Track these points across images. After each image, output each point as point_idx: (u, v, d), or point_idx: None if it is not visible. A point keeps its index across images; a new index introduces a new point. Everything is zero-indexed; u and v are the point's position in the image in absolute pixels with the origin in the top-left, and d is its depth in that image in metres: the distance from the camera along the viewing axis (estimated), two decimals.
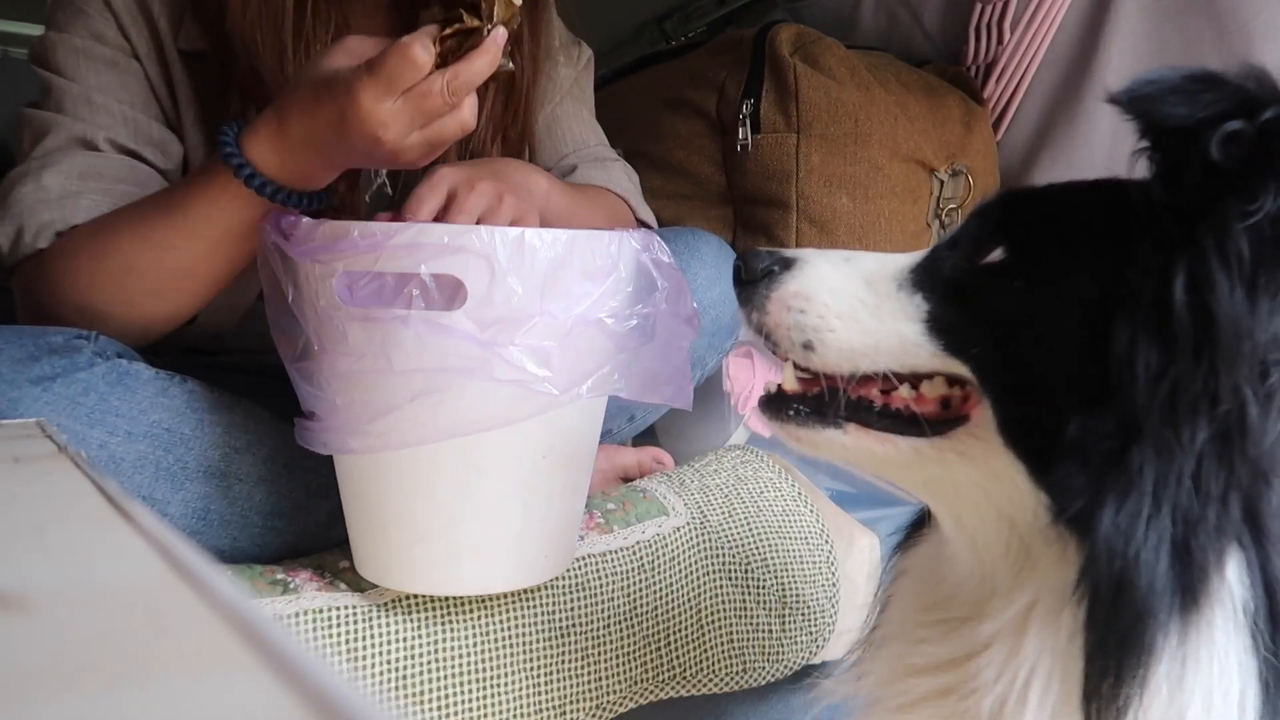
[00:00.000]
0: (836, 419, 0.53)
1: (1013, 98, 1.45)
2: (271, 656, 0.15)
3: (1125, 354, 0.42)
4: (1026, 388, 0.47)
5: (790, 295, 0.53)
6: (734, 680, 0.84)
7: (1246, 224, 0.38)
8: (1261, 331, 0.38)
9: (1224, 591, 0.40)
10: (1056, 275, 0.47)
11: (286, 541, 0.84)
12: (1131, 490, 0.41)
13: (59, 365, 0.74)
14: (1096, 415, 0.43)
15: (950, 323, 0.49)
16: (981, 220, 0.52)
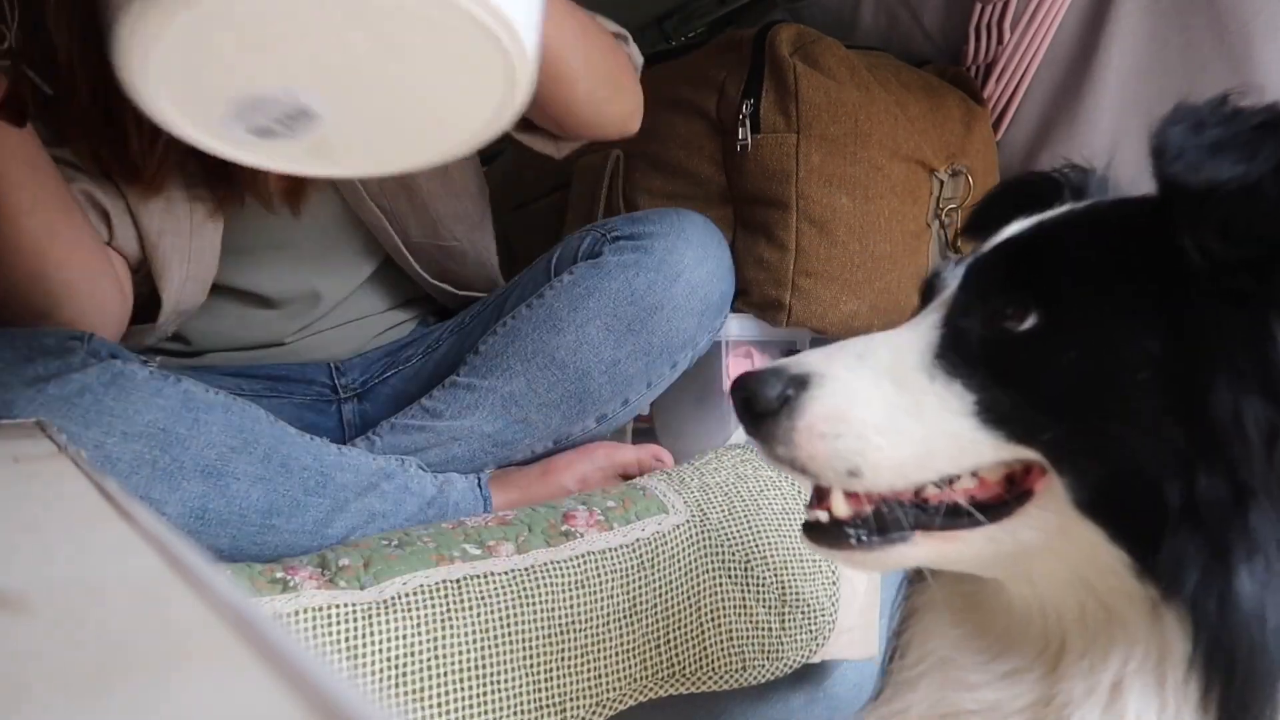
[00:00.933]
0: (901, 533, 0.48)
1: (1013, 98, 1.45)
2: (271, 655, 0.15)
3: (1230, 416, 0.40)
4: (1108, 460, 0.44)
5: (820, 420, 0.47)
6: (734, 678, 0.84)
7: None
8: None
9: None
10: (1111, 337, 0.44)
11: (284, 539, 0.84)
12: (1258, 551, 0.39)
13: (53, 366, 0.74)
14: (1202, 479, 0.41)
15: (1006, 410, 0.45)
16: (993, 279, 0.48)
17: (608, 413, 1.02)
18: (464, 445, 0.99)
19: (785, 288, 1.24)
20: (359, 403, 1.10)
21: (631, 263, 0.98)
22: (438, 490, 0.94)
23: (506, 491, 0.99)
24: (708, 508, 0.90)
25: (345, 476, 0.88)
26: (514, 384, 0.98)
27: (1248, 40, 1.19)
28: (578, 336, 0.97)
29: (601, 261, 0.99)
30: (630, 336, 0.98)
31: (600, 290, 0.97)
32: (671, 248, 0.98)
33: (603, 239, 1.01)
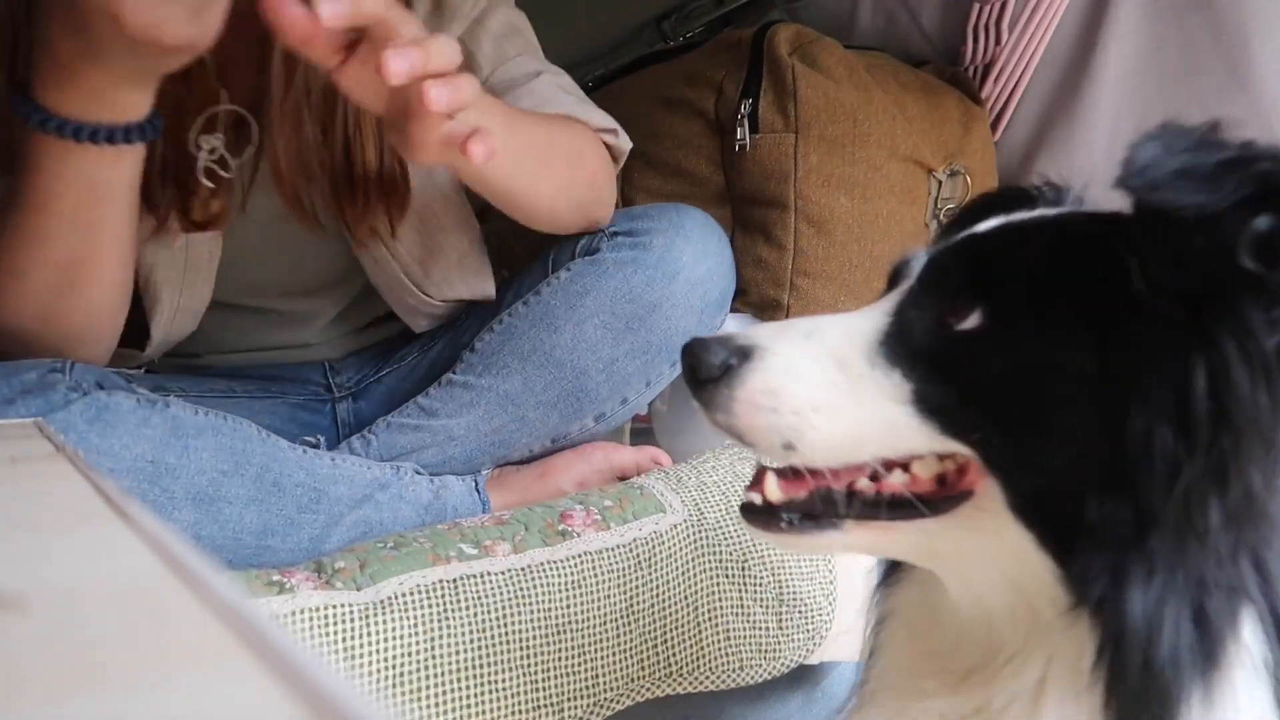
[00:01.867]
0: (832, 520, 0.49)
1: (1011, 98, 1.45)
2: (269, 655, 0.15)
3: (1143, 444, 0.40)
4: (1035, 467, 0.45)
5: (758, 393, 0.48)
6: (731, 678, 0.84)
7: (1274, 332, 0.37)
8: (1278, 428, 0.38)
9: (1243, 651, 0.40)
10: (1049, 347, 0.44)
11: (279, 559, 0.83)
12: (1155, 573, 0.40)
13: (34, 406, 0.72)
14: (1113, 499, 0.42)
15: (941, 402, 0.46)
16: (945, 275, 0.49)
17: (606, 411, 1.01)
18: (461, 445, 0.99)
19: (784, 288, 1.24)
20: (354, 401, 1.10)
21: (630, 260, 0.96)
22: (434, 495, 0.94)
23: (504, 493, 0.98)
24: (705, 507, 0.90)
25: (339, 490, 0.88)
26: (511, 382, 0.97)
27: (1245, 40, 1.19)
28: (575, 334, 0.96)
29: (599, 258, 0.97)
30: (628, 334, 0.97)
31: (598, 288, 0.96)
32: (670, 244, 0.97)
33: (600, 235, 0.99)
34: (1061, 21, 1.38)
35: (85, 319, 0.80)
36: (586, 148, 0.97)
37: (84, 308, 0.79)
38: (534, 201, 0.93)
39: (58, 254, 0.74)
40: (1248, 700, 0.41)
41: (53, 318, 0.78)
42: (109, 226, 0.75)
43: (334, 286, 1.07)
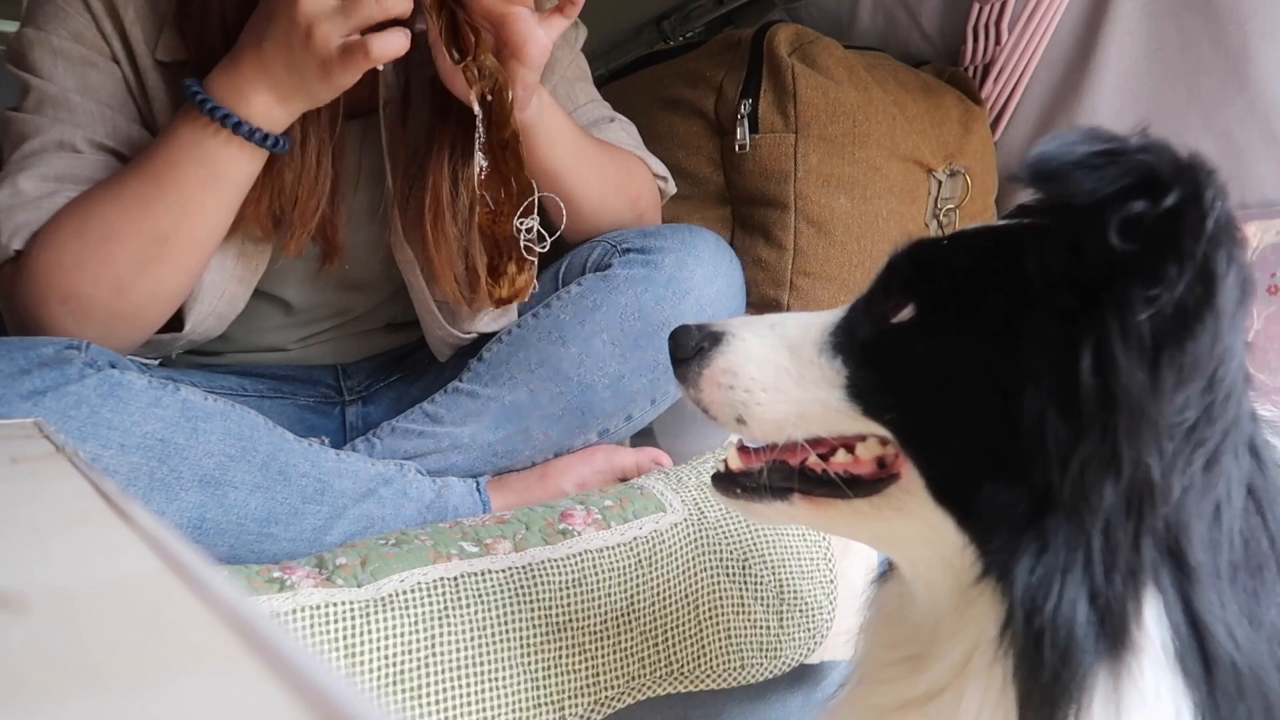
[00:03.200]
0: (782, 491, 0.55)
1: (1010, 98, 1.45)
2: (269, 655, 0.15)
3: (1035, 427, 0.43)
4: (943, 450, 0.48)
5: (719, 371, 0.55)
6: (732, 677, 0.84)
7: (1149, 308, 0.38)
8: (1163, 409, 0.39)
9: (1148, 635, 0.41)
10: (961, 337, 0.47)
11: (282, 548, 0.84)
12: (1046, 550, 0.42)
13: (50, 378, 0.73)
14: (1008, 482, 0.44)
15: (867, 386, 0.51)
16: (892, 275, 0.53)
17: (610, 428, 1.01)
18: (464, 454, 0.99)
19: (784, 287, 1.24)
20: (363, 405, 1.10)
21: (641, 277, 0.96)
22: (436, 494, 0.94)
23: (505, 495, 0.98)
24: (705, 507, 0.90)
25: (343, 483, 0.88)
26: (516, 394, 0.97)
27: (1245, 40, 1.19)
28: (583, 349, 0.96)
29: (610, 274, 0.98)
30: (636, 352, 0.97)
31: (608, 304, 0.96)
32: (681, 264, 0.97)
33: (612, 250, 1.00)
34: (1061, 21, 1.38)
35: (152, 298, 0.84)
36: (636, 172, 1.05)
37: (154, 286, 0.83)
38: (582, 195, 0.98)
39: (155, 224, 0.80)
40: (1154, 684, 0.41)
41: (125, 290, 0.82)
42: (207, 213, 0.82)
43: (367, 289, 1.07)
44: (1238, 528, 0.42)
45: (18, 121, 0.86)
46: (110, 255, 0.80)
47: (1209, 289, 0.37)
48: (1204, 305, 0.37)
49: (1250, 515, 0.43)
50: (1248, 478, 0.43)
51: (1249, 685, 0.41)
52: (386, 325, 1.13)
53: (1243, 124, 1.21)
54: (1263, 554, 0.43)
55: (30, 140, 0.84)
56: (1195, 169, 0.38)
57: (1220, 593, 0.41)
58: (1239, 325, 0.39)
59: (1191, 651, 0.41)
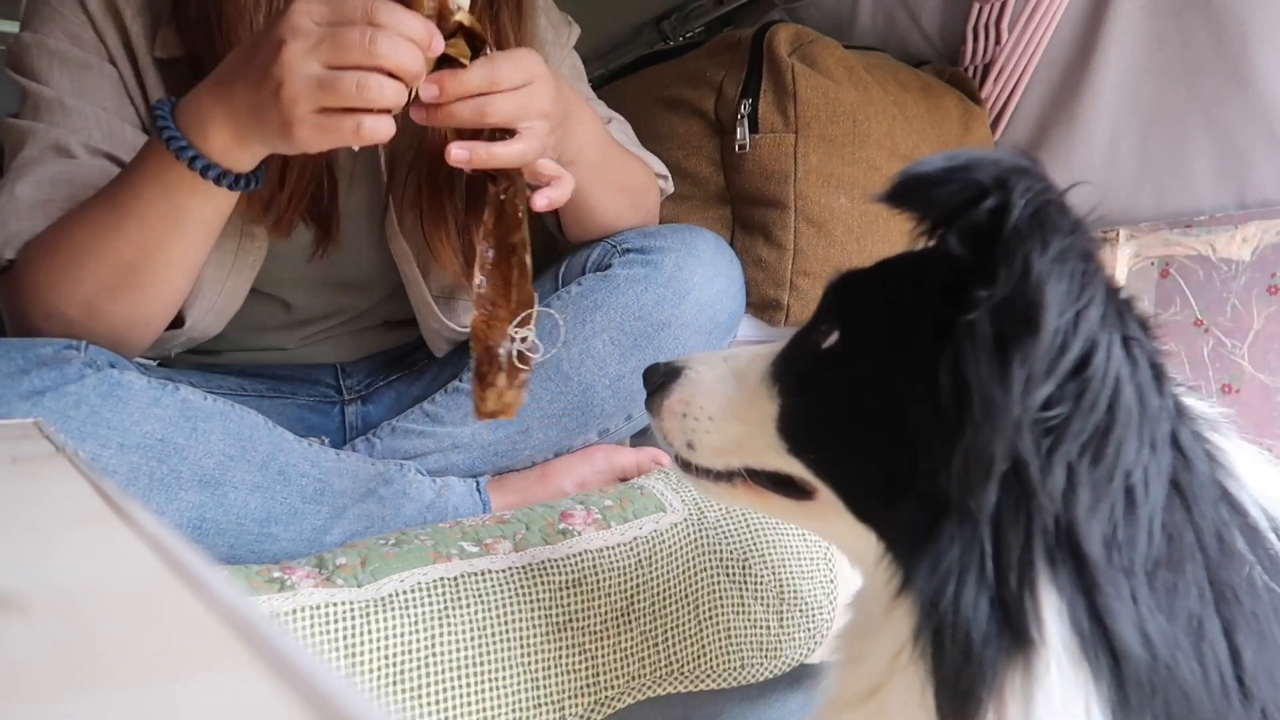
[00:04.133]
0: (729, 476, 0.59)
1: (1010, 98, 1.45)
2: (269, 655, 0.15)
3: (922, 438, 0.45)
4: (856, 477, 0.51)
5: (675, 402, 0.60)
6: (732, 676, 0.84)
7: (985, 306, 0.40)
8: (1016, 402, 0.40)
9: (1046, 633, 0.42)
10: (871, 361, 0.50)
11: (282, 548, 0.84)
12: (942, 554, 0.44)
13: (49, 378, 0.73)
14: (911, 497, 0.46)
15: (795, 420, 0.54)
16: (824, 302, 0.55)
17: (610, 427, 1.01)
18: (464, 453, 0.99)
19: (784, 288, 1.24)
20: (362, 405, 1.10)
21: (641, 277, 0.96)
22: (436, 494, 0.94)
23: (505, 494, 0.98)
24: (705, 506, 0.90)
25: (343, 483, 0.88)
26: None
27: (1245, 40, 1.19)
28: (583, 349, 0.96)
29: (610, 274, 0.98)
30: (636, 352, 0.96)
31: (608, 304, 0.96)
32: (682, 264, 0.97)
33: (612, 251, 1.00)
34: (1061, 21, 1.38)
35: (126, 322, 0.81)
36: (650, 189, 1.06)
37: (126, 312, 0.80)
38: (599, 215, 0.99)
39: (119, 252, 0.77)
40: (1059, 683, 0.42)
41: (97, 312, 0.80)
42: (172, 248, 0.77)
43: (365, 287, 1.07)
44: (1158, 523, 0.43)
45: (16, 128, 0.85)
46: (78, 279, 0.78)
47: (1028, 283, 0.39)
48: (1030, 299, 0.39)
49: (1175, 510, 0.43)
50: (1169, 472, 0.44)
51: (1162, 678, 0.41)
52: (384, 323, 1.13)
53: (1243, 124, 1.21)
54: (1186, 548, 0.43)
55: (27, 147, 0.84)
56: (1010, 172, 0.40)
57: (1131, 588, 0.42)
58: (1091, 318, 0.40)
59: (1097, 646, 0.42)
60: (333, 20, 0.63)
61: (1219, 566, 0.43)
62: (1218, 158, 1.24)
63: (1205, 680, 0.42)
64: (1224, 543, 0.44)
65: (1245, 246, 1.20)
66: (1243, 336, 1.20)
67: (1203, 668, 0.42)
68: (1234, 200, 1.24)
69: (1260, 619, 0.43)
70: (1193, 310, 1.25)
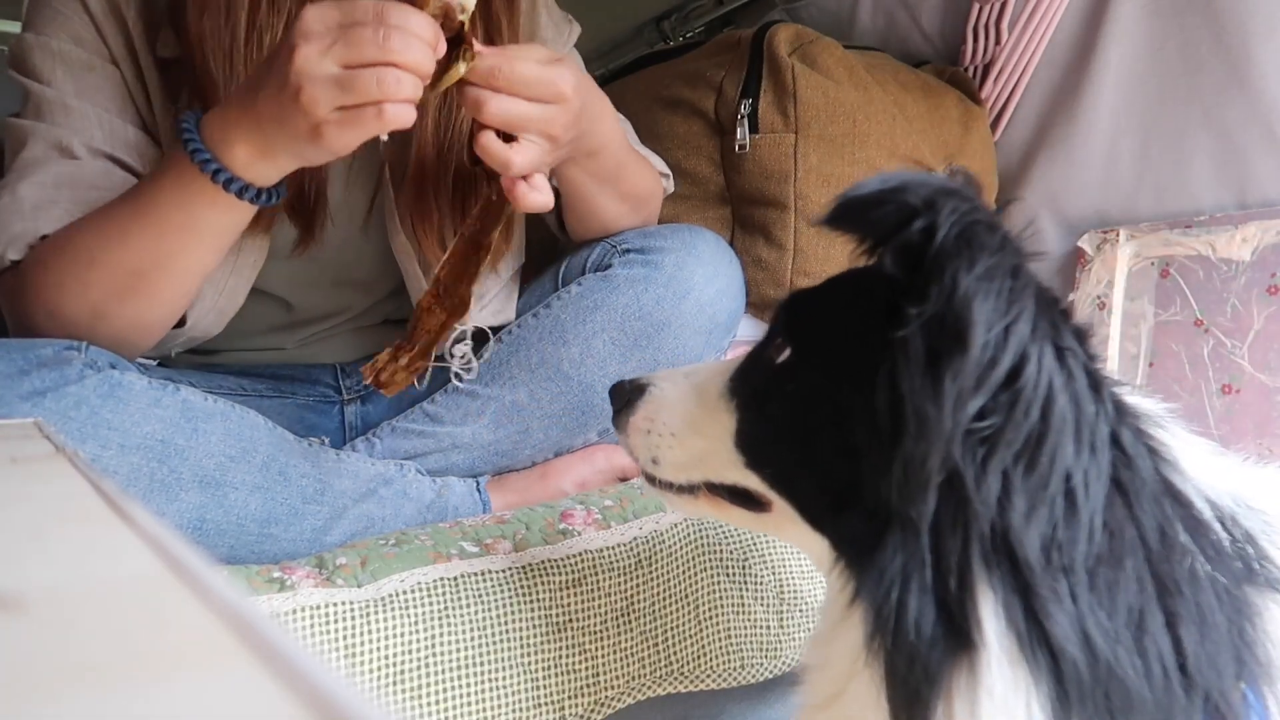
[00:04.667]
0: (690, 489, 0.61)
1: (1010, 98, 1.45)
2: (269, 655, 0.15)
3: (864, 451, 0.46)
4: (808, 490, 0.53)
5: (640, 418, 0.61)
6: (732, 677, 0.84)
7: (916, 323, 0.42)
8: (948, 414, 0.41)
9: (985, 634, 0.43)
10: (817, 376, 0.51)
11: (282, 548, 0.84)
12: (890, 563, 0.45)
13: (49, 379, 0.73)
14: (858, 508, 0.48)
15: (751, 435, 0.55)
16: (775, 319, 0.56)
17: (610, 427, 1.01)
18: (464, 453, 0.99)
19: (784, 287, 1.24)
20: (362, 404, 1.10)
21: (641, 277, 0.97)
22: (436, 494, 0.94)
23: (505, 494, 0.98)
24: None
25: (343, 483, 0.88)
26: (517, 393, 0.97)
27: (1245, 40, 1.19)
28: (583, 349, 0.96)
29: (610, 275, 0.98)
30: (636, 352, 0.97)
31: (608, 304, 0.96)
32: (682, 264, 0.97)
33: (612, 250, 1.00)
34: (1061, 21, 1.38)
35: (130, 326, 0.82)
36: (656, 196, 1.06)
37: (132, 317, 0.81)
38: (603, 216, 1.00)
39: (131, 259, 0.77)
40: (1000, 683, 0.43)
41: (103, 316, 0.80)
42: (185, 258, 0.78)
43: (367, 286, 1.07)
44: (1099, 522, 0.44)
45: (19, 128, 0.85)
46: (88, 282, 0.78)
47: (955, 300, 0.40)
48: (959, 315, 0.40)
49: (1116, 508, 0.44)
50: (1110, 471, 0.45)
51: (1102, 675, 0.43)
52: (385, 322, 1.13)
53: (1243, 124, 1.21)
54: (1128, 544, 0.44)
55: (29, 147, 0.84)
56: (937, 194, 0.42)
57: (1071, 587, 0.43)
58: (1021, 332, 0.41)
59: (1034, 645, 0.43)
60: (344, 23, 0.64)
61: (1160, 560, 0.45)
62: (1218, 158, 1.25)
63: (1147, 673, 0.43)
64: (1166, 536, 0.45)
65: (1245, 246, 1.20)
66: (1243, 336, 1.20)
67: (1144, 661, 0.43)
68: (1234, 200, 1.24)
69: (1203, 608, 0.44)
70: (1193, 310, 1.25)
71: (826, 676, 0.53)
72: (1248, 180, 1.22)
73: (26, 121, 0.85)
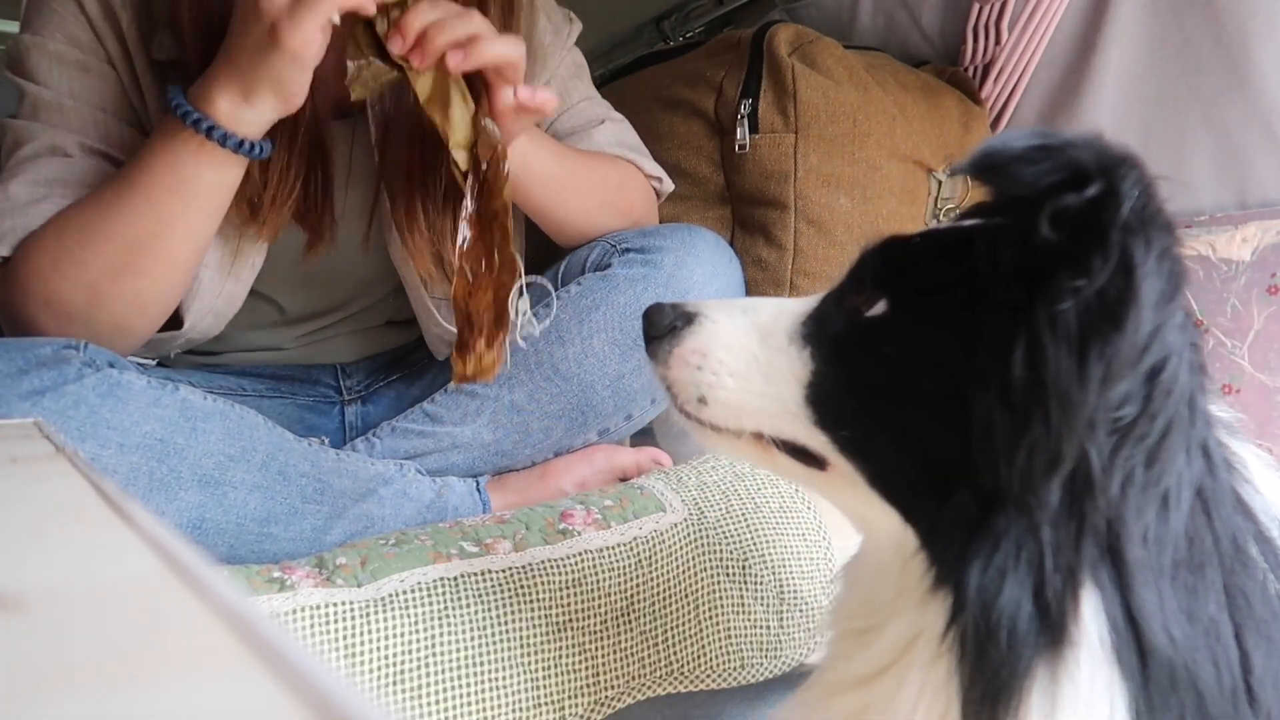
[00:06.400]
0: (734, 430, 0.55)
1: (1010, 98, 1.45)
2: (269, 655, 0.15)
3: (983, 428, 0.43)
4: (893, 461, 0.48)
5: (689, 351, 0.55)
6: (732, 676, 0.84)
7: (1075, 297, 0.38)
8: (1092, 400, 0.39)
9: (1084, 630, 0.42)
10: (925, 337, 0.47)
11: (282, 548, 0.84)
12: (996, 551, 0.42)
13: (48, 378, 0.73)
14: (959, 487, 0.44)
15: (829, 392, 0.50)
16: (864, 268, 0.52)
17: (610, 427, 1.01)
18: (464, 453, 0.99)
19: (784, 287, 1.24)
20: (362, 405, 1.10)
21: (640, 277, 0.97)
22: (436, 494, 0.94)
23: (504, 494, 0.98)
24: (705, 506, 0.90)
25: (343, 483, 0.88)
26: (516, 393, 0.97)
27: (1245, 40, 1.19)
28: (583, 349, 0.96)
29: (610, 274, 0.98)
30: (636, 351, 0.97)
31: (607, 303, 0.96)
32: (681, 263, 0.97)
33: (612, 250, 1.00)
34: (1061, 21, 1.38)
35: (127, 308, 0.82)
36: (628, 184, 1.05)
37: (131, 295, 0.81)
38: (569, 218, 1.00)
39: (126, 231, 0.78)
40: (1089, 677, 0.42)
41: (100, 297, 0.80)
42: (181, 222, 0.79)
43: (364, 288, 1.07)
44: (1183, 527, 0.43)
45: (14, 128, 0.86)
46: (84, 261, 0.79)
47: (1128, 279, 0.37)
48: (1125, 295, 0.37)
49: (1196, 515, 0.43)
50: (1198, 480, 0.43)
51: (1182, 679, 0.41)
52: (385, 323, 1.13)
53: (1243, 124, 1.21)
54: (1205, 553, 0.43)
55: (24, 146, 0.84)
56: (1118, 162, 0.38)
57: (1160, 589, 0.42)
58: (1174, 322, 0.40)
59: (1128, 646, 0.42)
60: None
61: (1234, 572, 0.43)
62: (1218, 157, 1.24)
63: (1219, 683, 0.42)
64: (1239, 549, 0.44)
65: (1245, 246, 1.20)
66: (1243, 336, 1.20)
67: (1216, 670, 0.42)
68: (1234, 200, 1.24)
69: (1269, 625, 0.43)
70: (1193, 310, 1.25)
71: (870, 653, 0.50)
72: (1248, 180, 1.22)
73: (21, 122, 0.86)
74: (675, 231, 1.01)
